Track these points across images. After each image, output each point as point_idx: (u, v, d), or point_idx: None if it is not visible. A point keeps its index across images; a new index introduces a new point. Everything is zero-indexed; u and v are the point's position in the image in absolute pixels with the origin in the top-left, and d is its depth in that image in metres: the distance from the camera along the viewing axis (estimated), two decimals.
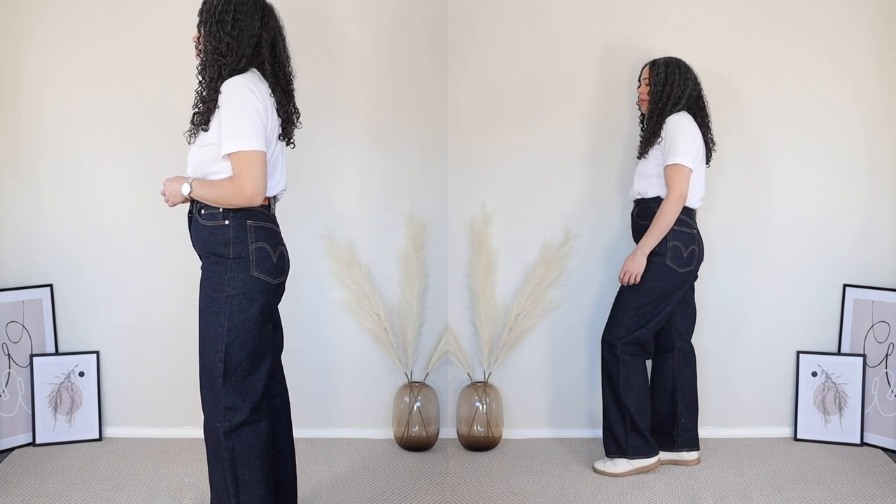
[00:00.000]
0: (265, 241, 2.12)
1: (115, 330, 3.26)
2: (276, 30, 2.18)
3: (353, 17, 3.16)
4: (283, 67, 2.19)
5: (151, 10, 3.13)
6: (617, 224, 3.25)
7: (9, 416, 3.17)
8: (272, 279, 2.14)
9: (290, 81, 2.22)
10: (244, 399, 2.12)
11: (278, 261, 2.17)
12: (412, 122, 3.22)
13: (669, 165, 2.76)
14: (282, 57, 2.18)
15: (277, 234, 2.20)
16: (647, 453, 2.92)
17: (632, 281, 2.82)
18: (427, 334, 3.29)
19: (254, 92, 2.03)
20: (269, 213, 2.18)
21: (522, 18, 3.20)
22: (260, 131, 2.03)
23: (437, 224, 3.26)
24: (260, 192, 2.04)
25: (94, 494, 2.76)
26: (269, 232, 2.15)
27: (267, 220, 2.16)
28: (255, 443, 2.14)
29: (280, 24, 2.20)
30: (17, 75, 3.15)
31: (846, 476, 2.93)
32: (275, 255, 2.15)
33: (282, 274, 2.19)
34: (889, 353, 3.20)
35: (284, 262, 2.20)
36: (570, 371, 3.34)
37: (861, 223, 3.25)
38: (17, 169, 3.19)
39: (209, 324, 2.10)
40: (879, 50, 3.17)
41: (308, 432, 3.28)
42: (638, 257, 2.79)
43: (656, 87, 2.84)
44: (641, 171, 2.89)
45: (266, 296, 2.13)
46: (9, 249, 3.22)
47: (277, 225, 2.22)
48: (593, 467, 2.98)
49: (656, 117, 2.84)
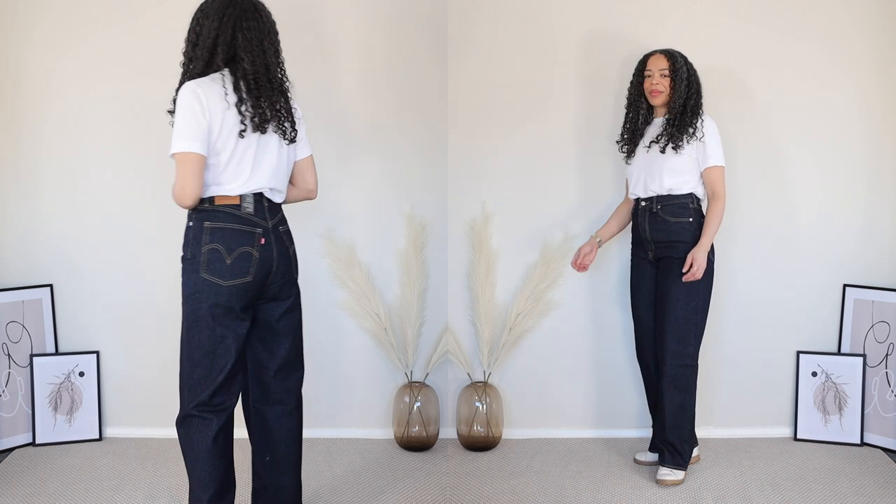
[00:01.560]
0: (220, 242, 2.11)
1: (115, 330, 3.26)
2: (239, 26, 2.12)
3: (352, 16, 3.16)
4: (256, 60, 2.13)
5: (151, 10, 3.13)
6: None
7: (9, 416, 3.18)
8: (223, 281, 2.11)
9: (273, 74, 2.17)
10: (192, 395, 2.16)
11: (235, 262, 2.12)
12: (412, 122, 3.22)
13: (715, 167, 2.77)
14: (254, 51, 2.13)
15: (243, 235, 2.14)
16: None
17: (697, 277, 2.71)
18: (427, 334, 3.29)
19: (197, 94, 2.06)
20: (240, 213, 2.14)
21: (523, 18, 3.20)
22: (192, 133, 2.05)
23: (437, 224, 3.26)
24: (187, 193, 2.06)
25: (94, 494, 2.76)
26: (230, 233, 2.12)
27: (231, 221, 2.12)
28: (200, 438, 2.16)
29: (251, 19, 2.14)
30: (17, 76, 3.15)
31: (846, 476, 2.93)
32: (230, 256, 2.11)
33: (239, 276, 2.13)
34: (889, 353, 3.20)
35: (247, 264, 2.14)
36: (570, 371, 3.33)
37: (861, 223, 3.25)
38: (18, 169, 3.19)
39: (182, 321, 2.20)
40: (879, 50, 3.17)
41: (308, 432, 3.27)
42: (703, 255, 2.71)
43: (681, 79, 2.75)
44: (672, 166, 2.76)
45: (217, 297, 2.11)
46: (9, 249, 3.22)
47: (254, 224, 2.16)
48: (657, 479, 2.84)
49: (690, 111, 2.76)
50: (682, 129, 2.75)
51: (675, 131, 2.76)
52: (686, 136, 2.75)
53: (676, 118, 2.78)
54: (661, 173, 2.78)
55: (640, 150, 2.87)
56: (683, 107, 2.77)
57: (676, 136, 2.76)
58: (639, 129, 2.88)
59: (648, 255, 2.89)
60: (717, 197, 2.77)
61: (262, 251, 2.17)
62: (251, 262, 2.14)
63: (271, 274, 2.20)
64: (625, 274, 3.20)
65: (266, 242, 2.18)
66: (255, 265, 2.15)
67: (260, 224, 2.17)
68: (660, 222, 2.81)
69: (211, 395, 2.16)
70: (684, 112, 2.77)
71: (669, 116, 2.80)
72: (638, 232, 2.90)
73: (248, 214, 2.15)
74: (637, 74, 2.86)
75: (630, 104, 2.90)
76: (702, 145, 2.77)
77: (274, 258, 2.20)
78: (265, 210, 2.18)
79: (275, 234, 2.22)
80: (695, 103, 2.78)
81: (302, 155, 2.33)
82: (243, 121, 2.11)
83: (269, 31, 2.18)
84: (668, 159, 2.77)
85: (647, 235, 2.84)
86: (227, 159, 2.11)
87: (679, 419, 2.82)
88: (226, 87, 2.10)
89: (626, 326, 3.25)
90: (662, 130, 2.81)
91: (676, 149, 2.76)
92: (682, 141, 2.75)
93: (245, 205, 2.15)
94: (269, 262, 2.18)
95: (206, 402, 2.16)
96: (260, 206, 2.17)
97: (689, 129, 2.75)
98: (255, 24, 2.14)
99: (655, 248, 2.85)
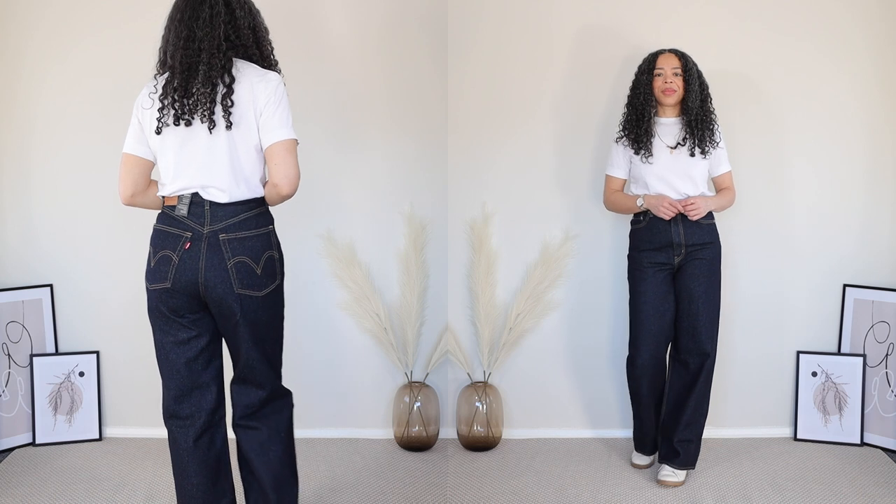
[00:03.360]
0: (152, 243, 2.08)
1: (115, 330, 3.26)
2: (173, 20, 2.06)
3: (352, 16, 3.16)
4: (177, 53, 2.02)
5: (150, 10, 3.12)
6: (617, 224, 3.24)
7: (9, 416, 3.17)
8: (149, 284, 2.07)
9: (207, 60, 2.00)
10: (164, 402, 2.15)
11: (156, 266, 2.04)
12: (412, 122, 3.21)
13: (729, 172, 2.90)
14: (176, 42, 2.03)
15: (168, 238, 2.03)
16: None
17: (693, 212, 2.71)
18: (427, 334, 3.29)
19: (139, 95, 2.10)
20: (173, 214, 2.04)
21: (523, 18, 3.20)
22: (129, 133, 2.10)
23: (437, 224, 3.26)
24: (119, 191, 2.12)
25: (94, 494, 2.76)
26: (159, 235, 2.06)
27: (164, 222, 2.06)
28: (174, 449, 2.15)
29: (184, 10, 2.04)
30: (16, 76, 3.15)
31: (846, 476, 2.93)
32: (154, 259, 2.06)
33: (158, 280, 2.04)
34: (889, 353, 3.20)
35: (165, 268, 2.02)
36: (571, 371, 3.33)
37: (861, 223, 3.25)
38: (18, 169, 3.19)
39: None
40: (879, 50, 3.17)
41: (308, 432, 3.28)
42: (708, 202, 2.76)
43: (693, 79, 2.75)
44: (701, 170, 2.78)
45: (149, 301, 2.08)
46: (9, 249, 3.22)
47: (184, 228, 2.02)
48: (658, 480, 2.85)
49: (705, 114, 2.78)
50: (705, 134, 2.78)
51: (700, 135, 2.77)
52: (710, 141, 2.79)
53: (697, 121, 2.77)
54: (693, 177, 2.79)
55: (660, 149, 2.80)
56: (701, 108, 2.77)
57: (703, 140, 2.77)
58: (650, 128, 2.80)
59: (673, 260, 2.80)
60: (732, 191, 2.91)
61: (185, 257, 2.01)
62: (170, 266, 2.02)
63: (199, 284, 2.02)
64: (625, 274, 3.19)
65: (192, 248, 2.01)
66: (173, 271, 2.02)
67: (191, 228, 2.02)
68: (694, 225, 2.78)
69: (174, 400, 2.12)
70: (704, 115, 2.78)
71: (688, 118, 2.78)
72: (664, 237, 2.78)
73: (182, 217, 2.03)
74: (647, 73, 2.79)
75: (640, 102, 2.80)
76: (719, 151, 2.84)
77: (200, 267, 2.00)
78: (204, 213, 2.01)
79: (210, 241, 2.01)
80: (710, 107, 2.80)
81: (266, 142, 2.02)
82: (159, 118, 2.03)
83: (210, 17, 2.02)
84: (697, 163, 2.79)
85: (681, 239, 2.77)
86: (159, 157, 2.08)
87: (700, 415, 2.86)
88: (157, 86, 2.06)
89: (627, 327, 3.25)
90: (686, 133, 2.78)
91: (705, 154, 2.79)
92: (707, 146, 2.79)
93: (180, 206, 2.03)
94: (192, 271, 2.01)
95: (173, 410, 2.13)
96: (197, 209, 2.02)
97: (711, 134, 2.79)
98: (190, 14, 2.03)
99: (686, 252, 2.79)
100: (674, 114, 2.83)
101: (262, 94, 2.02)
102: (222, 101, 1.99)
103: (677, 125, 2.82)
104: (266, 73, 2.07)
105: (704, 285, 2.79)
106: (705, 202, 2.75)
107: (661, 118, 2.84)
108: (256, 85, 2.02)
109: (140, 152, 2.10)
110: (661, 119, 2.83)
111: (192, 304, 2.06)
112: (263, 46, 2.16)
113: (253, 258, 2.04)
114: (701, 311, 2.80)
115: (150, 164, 2.13)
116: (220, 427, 2.19)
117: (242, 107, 2.01)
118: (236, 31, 2.07)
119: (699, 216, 2.73)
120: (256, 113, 2.02)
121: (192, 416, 2.13)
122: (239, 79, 2.03)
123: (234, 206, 2.03)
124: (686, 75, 2.76)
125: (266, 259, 2.07)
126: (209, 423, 2.15)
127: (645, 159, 2.80)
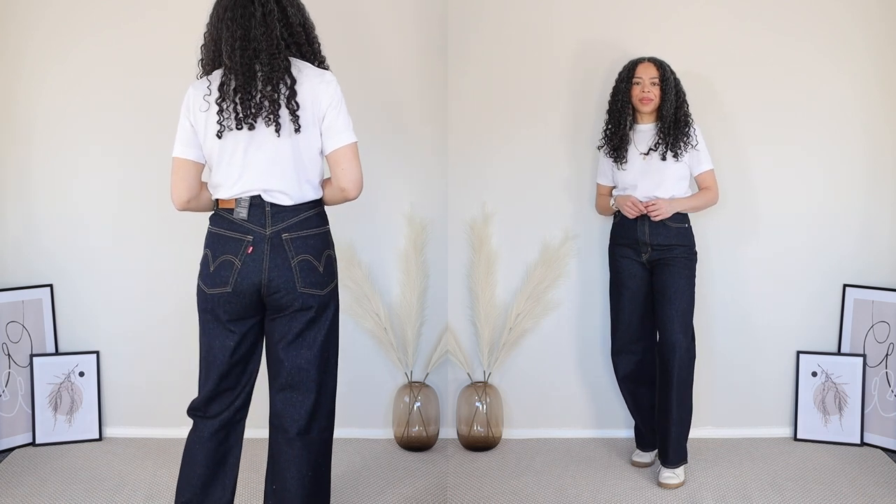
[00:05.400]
0: (209, 247, 2.06)
1: (115, 330, 3.26)
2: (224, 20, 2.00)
3: (351, 16, 3.16)
4: (234, 53, 1.97)
5: (149, 11, 3.13)
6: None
7: (9, 416, 3.18)
8: (207, 289, 2.05)
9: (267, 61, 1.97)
10: (197, 397, 2.15)
11: (216, 270, 2.02)
12: (412, 122, 3.21)
13: (710, 171, 2.91)
14: (233, 43, 1.97)
15: (229, 242, 2.02)
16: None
17: (654, 213, 2.79)
18: (427, 334, 3.29)
19: (186, 97, 2.07)
20: (232, 217, 2.02)
21: (523, 18, 3.21)
22: (179, 137, 2.07)
23: (437, 224, 3.26)
24: (173, 196, 2.08)
25: (94, 494, 2.76)
26: (219, 239, 2.04)
27: (223, 226, 2.04)
28: (190, 440, 2.15)
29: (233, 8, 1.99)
30: (16, 76, 3.15)
31: (846, 476, 2.93)
32: (213, 263, 2.03)
33: (218, 285, 2.02)
34: (889, 353, 3.20)
35: (226, 273, 2.01)
36: (571, 371, 3.33)
37: (861, 223, 3.25)
38: (18, 169, 3.19)
39: None
40: (879, 50, 3.17)
41: None
42: (673, 205, 2.81)
43: (670, 88, 2.82)
44: (673, 173, 2.84)
45: (204, 304, 2.06)
46: (9, 249, 3.22)
47: (245, 231, 2.01)
48: (659, 482, 2.84)
49: (682, 121, 2.83)
50: (678, 138, 2.83)
51: (672, 140, 2.83)
52: (683, 144, 2.84)
53: (670, 127, 2.84)
54: (664, 180, 2.85)
55: (634, 156, 2.89)
56: (675, 116, 2.83)
57: (675, 144, 2.83)
58: (626, 135, 2.90)
59: (642, 257, 2.90)
60: (712, 191, 2.92)
61: (248, 261, 2.01)
62: (231, 271, 2.01)
63: (262, 285, 2.01)
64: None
65: (255, 252, 2.01)
66: (235, 275, 2.01)
67: (253, 231, 2.01)
68: (660, 227, 2.85)
69: (205, 401, 2.13)
70: (677, 121, 2.84)
71: (662, 125, 2.85)
72: (631, 234, 2.89)
73: (242, 220, 2.01)
74: (625, 81, 2.88)
75: (617, 110, 2.91)
76: (696, 152, 2.87)
77: (264, 269, 2.00)
78: (265, 215, 2.01)
79: (273, 242, 2.01)
80: (685, 112, 2.85)
81: (331, 147, 2.04)
82: (220, 121, 2.00)
83: (262, 15, 1.99)
84: (668, 167, 2.84)
85: (647, 239, 2.86)
86: (217, 161, 2.04)
87: (685, 412, 2.85)
88: (211, 87, 2.02)
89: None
90: (658, 138, 2.85)
91: (677, 157, 2.84)
92: (680, 149, 2.84)
93: (239, 209, 2.02)
94: (255, 273, 2.01)
95: (200, 407, 2.14)
96: (257, 211, 2.01)
97: (685, 137, 2.84)
98: (242, 13, 1.99)
99: (652, 251, 2.87)
100: (650, 120, 2.91)
101: (325, 96, 2.02)
102: (287, 104, 1.98)
103: (652, 131, 2.89)
104: (324, 74, 2.06)
105: (673, 278, 2.84)
106: (669, 204, 2.81)
107: (639, 125, 2.92)
108: (317, 87, 2.02)
109: (192, 156, 2.06)
110: (639, 126, 2.92)
111: (249, 309, 2.06)
112: (314, 43, 2.15)
113: (315, 256, 2.06)
114: (672, 302, 2.83)
115: (202, 167, 2.10)
116: (239, 425, 2.20)
117: (305, 109, 2.01)
118: (289, 29, 2.06)
119: (661, 217, 2.81)
120: (318, 115, 2.02)
121: (219, 414, 2.15)
122: (300, 80, 2.01)
123: (295, 206, 2.04)
124: (663, 84, 2.83)
125: (326, 257, 2.09)
126: (231, 421, 2.17)
127: (620, 166, 2.91)
